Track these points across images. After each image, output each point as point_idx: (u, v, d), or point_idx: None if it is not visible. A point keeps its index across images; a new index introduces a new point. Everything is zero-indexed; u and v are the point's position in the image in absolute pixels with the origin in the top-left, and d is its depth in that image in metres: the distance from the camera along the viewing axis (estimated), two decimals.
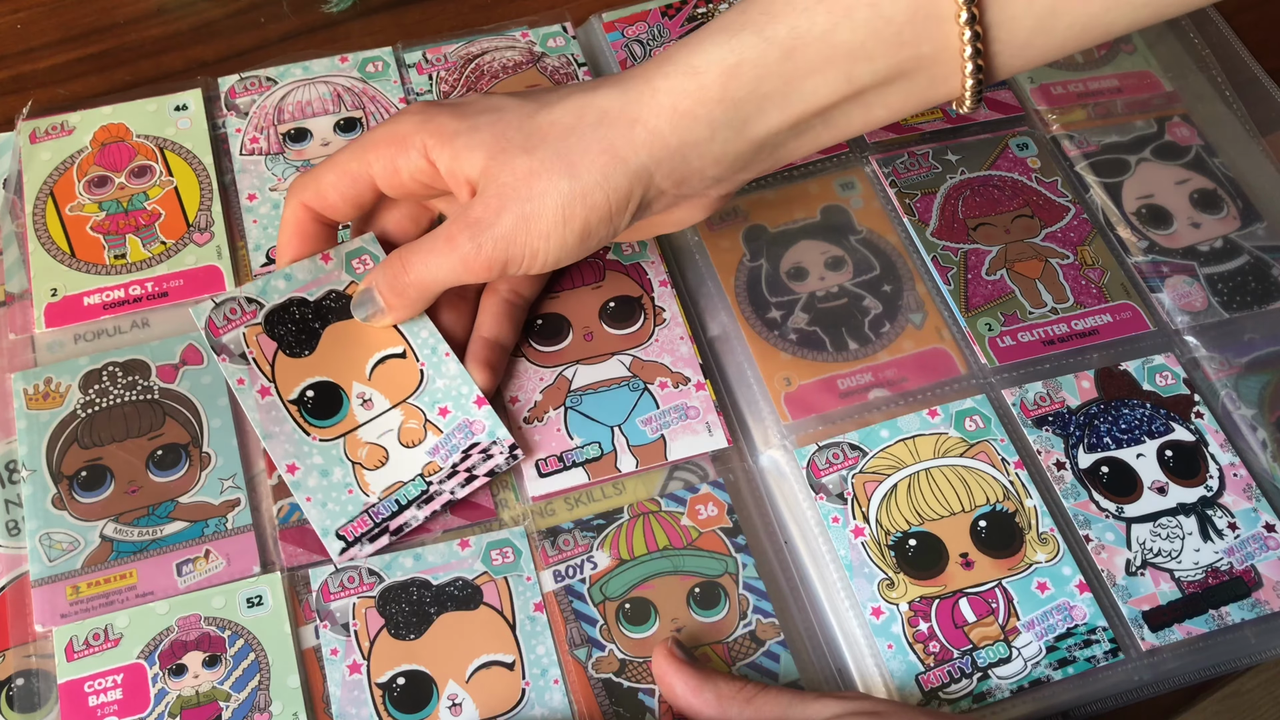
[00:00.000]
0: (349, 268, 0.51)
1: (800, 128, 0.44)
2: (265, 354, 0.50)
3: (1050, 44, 0.42)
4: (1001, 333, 0.55)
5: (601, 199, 0.44)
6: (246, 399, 0.49)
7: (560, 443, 0.51)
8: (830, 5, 0.41)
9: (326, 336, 0.51)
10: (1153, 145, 0.62)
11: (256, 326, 0.50)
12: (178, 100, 0.60)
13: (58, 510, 0.49)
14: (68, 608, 0.47)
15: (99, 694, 0.45)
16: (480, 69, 0.62)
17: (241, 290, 0.51)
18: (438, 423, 0.50)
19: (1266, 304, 0.57)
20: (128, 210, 0.56)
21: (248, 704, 0.45)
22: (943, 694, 0.47)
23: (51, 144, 0.58)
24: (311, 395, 0.49)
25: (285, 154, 0.59)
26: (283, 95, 0.60)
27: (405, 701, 0.46)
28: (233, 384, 0.50)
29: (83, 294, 0.54)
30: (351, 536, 0.48)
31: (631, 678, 0.47)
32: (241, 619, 0.47)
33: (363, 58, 0.62)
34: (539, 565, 0.49)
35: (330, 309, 0.51)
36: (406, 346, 0.51)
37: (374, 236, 0.52)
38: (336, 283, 0.51)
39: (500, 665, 0.47)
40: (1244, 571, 0.50)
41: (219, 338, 0.50)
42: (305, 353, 0.50)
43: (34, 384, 0.51)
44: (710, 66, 0.43)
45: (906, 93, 0.43)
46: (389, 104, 0.60)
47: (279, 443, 0.49)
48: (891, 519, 0.50)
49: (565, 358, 0.54)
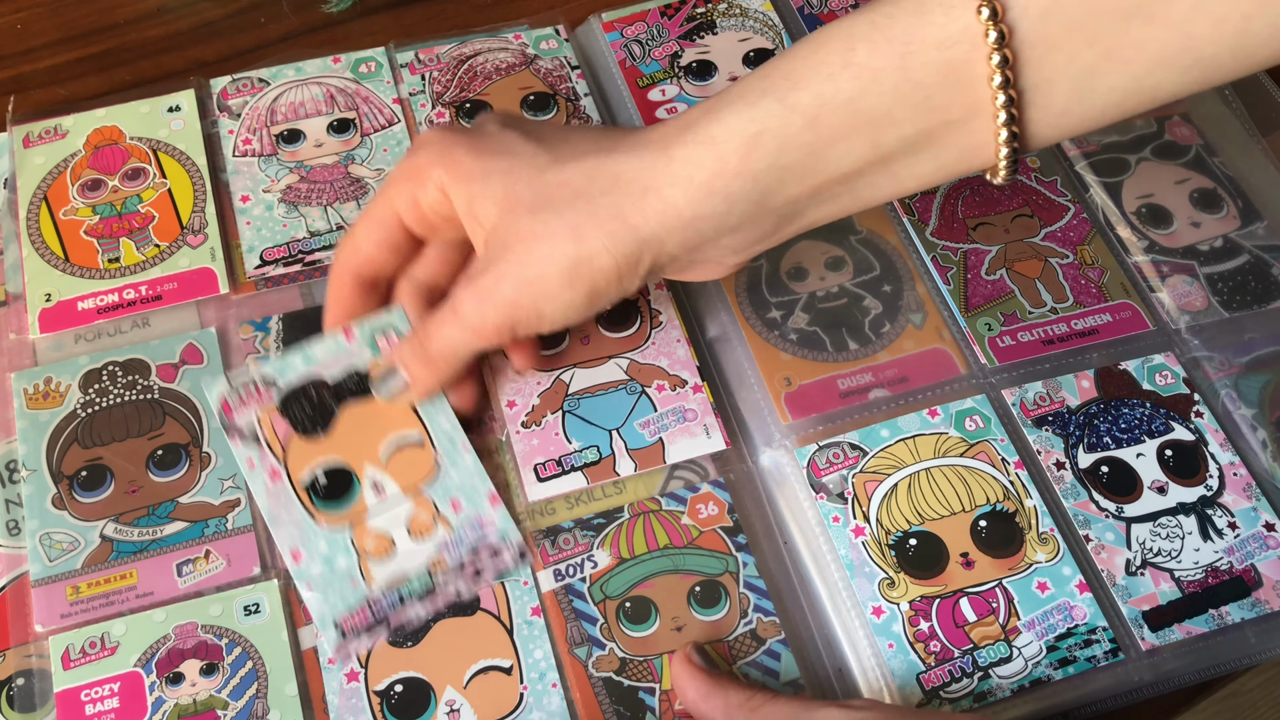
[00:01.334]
0: (373, 345, 0.50)
1: (823, 196, 0.43)
2: (279, 435, 0.49)
3: (1089, 111, 0.40)
4: (1001, 332, 0.55)
5: (609, 263, 0.43)
6: (255, 482, 0.48)
7: (559, 447, 0.51)
8: (856, 70, 0.40)
9: (344, 417, 0.49)
10: (1153, 144, 0.62)
11: (272, 407, 0.49)
12: (170, 101, 0.60)
13: (58, 510, 0.49)
14: (68, 608, 0.47)
15: (96, 703, 0.45)
16: (473, 70, 0.62)
17: (258, 370, 0.50)
18: (449, 516, 0.49)
19: (1266, 303, 0.57)
20: (121, 213, 0.56)
21: (245, 712, 0.45)
22: (944, 693, 0.47)
23: (45, 148, 0.58)
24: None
25: (278, 155, 0.59)
26: (275, 96, 0.60)
27: (403, 708, 0.46)
28: (242, 466, 0.48)
29: (76, 299, 0.54)
30: (350, 629, 0.47)
31: (632, 676, 0.47)
32: (239, 626, 0.47)
33: (355, 58, 0.62)
34: (538, 565, 0.49)
35: (349, 389, 0.50)
36: (424, 433, 0.50)
37: (403, 312, 0.50)
38: (358, 361, 0.50)
39: (498, 670, 0.47)
40: (1244, 571, 0.50)
41: (232, 419, 0.49)
42: (320, 434, 0.49)
43: (34, 384, 0.51)
44: (730, 137, 0.41)
45: (937, 162, 0.42)
46: (382, 104, 0.60)
47: (285, 529, 0.48)
48: (892, 518, 0.50)
49: (562, 362, 0.54)
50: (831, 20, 0.65)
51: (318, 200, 0.57)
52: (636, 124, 0.61)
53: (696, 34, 0.64)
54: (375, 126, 0.60)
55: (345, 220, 0.57)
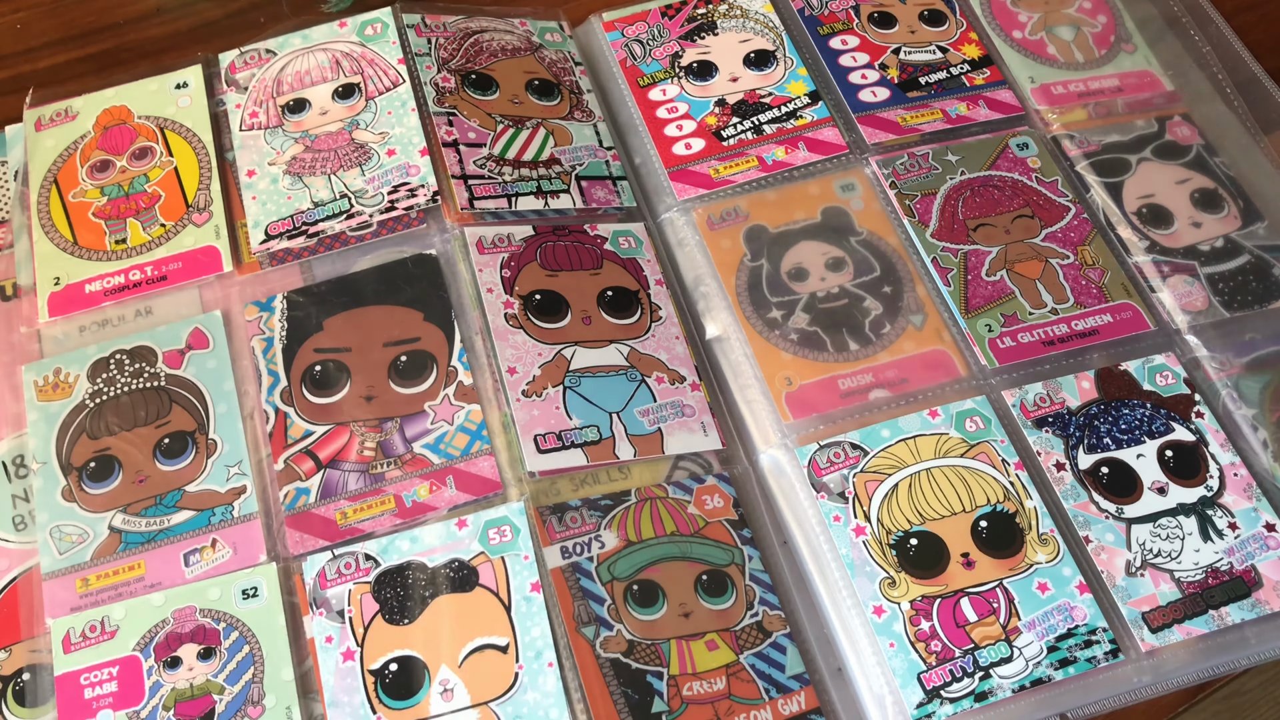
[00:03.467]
0: (483, 537, 0.49)
1: None
2: (364, 615, 0.47)
3: None
4: (1001, 333, 0.55)
5: None
6: (328, 659, 0.46)
7: (559, 421, 0.51)
8: None
9: (433, 608, 0.47)
10: (1153, 145, 0.62)
11: (366, 585, 0.48)
12: (178, 78, 0.60)
13: (67, 503, 0.49)
14: (78, 600, 0.47)
15: (95, 686, 0.45)
16: (479, 45, 0.62)
17: (362, 545, 0.48)
18: None
19: (1267, 303, 0.57)
20: (128, 194, 0.57)
21: (241, 697, 0.45)
22: (944, 693, 0.47)
23: (56, 130, 0.58)
24: (394, 669, 0.46)
25: (284, 126, 0.59)
26: (282, 66, 0.61)
27: (397, 688, 0.46)
28: (320, 640, 0.47)
29: (84, 281, 0.54)
30: None
31: (640, 659, 0.47)
32: (237, 611, 0.47)
33: (362, 20, 0.62)
34: (544, 540, 0.49)
35: (447, 579, 0.48)
36: (512, 641, 0.47)
37: (521, 507, 0.49)
38: (464, 551, 0.48)
39: (494, 649, 0.46)
40: (1244, 571, 0.50)
41: (324, 590, 0.47)
42: (405, 621, 0.47)
43: (44, 375, 0.51)
44: None
45: None
46: (387, 66, 0.60)
47: (343, 712, 0.46)
48: (893, 518, 0.50)
49: (564, 337, 0.54)
50: (831, 21, 0.65)
51: (322, 169, 0.57)
52: (637, 122, 0.61)
53: (697, 34, 0.64)
54: (380, 89, 0.60)
55: (349, 188, 0.56)
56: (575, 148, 0.59)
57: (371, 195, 0.56)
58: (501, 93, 0.60)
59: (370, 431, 0.51)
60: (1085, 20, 0.67)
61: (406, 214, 0.56)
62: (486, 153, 0.58)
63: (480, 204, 0.56)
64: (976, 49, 0.65)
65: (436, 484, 0.50)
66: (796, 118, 0.61)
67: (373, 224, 0.56)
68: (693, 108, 0.62)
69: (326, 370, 0.52)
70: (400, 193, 0.56)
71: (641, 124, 0.61)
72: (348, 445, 0.51)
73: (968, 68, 0.64)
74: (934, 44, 0.65)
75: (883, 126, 0.61)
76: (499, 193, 0.56)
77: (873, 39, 0.65)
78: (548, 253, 0.56)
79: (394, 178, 0.57)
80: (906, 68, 0.63)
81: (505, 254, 0.55)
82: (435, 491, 0.50)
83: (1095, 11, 0.67)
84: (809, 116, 0.61)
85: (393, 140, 0.58)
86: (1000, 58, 0.65)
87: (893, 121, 0.61)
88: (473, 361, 0.53)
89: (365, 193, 0.56)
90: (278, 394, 0.52)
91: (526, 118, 0.60)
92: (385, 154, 0.57)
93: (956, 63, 0.64)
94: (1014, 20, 0.66)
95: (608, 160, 0.59)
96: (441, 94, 0.59)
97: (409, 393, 0.52)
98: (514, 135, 0.59)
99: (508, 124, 0.59)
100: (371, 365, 0.53)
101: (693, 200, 0.59)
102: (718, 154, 0.60)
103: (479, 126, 0.59)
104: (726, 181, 0.59)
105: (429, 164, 0.57)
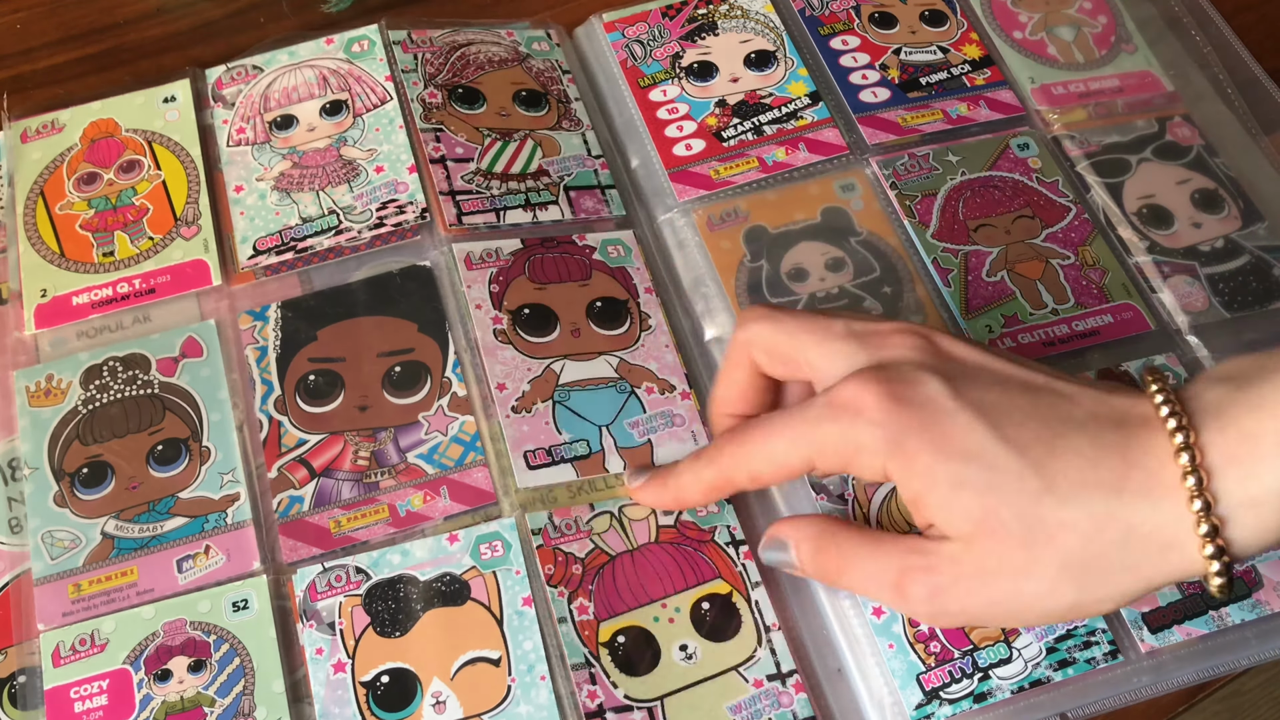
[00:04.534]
0: (475, 552, 0.49)
1: None
2: (355, 628, 0.47)
3: None
4: (1002, 334, 0.55)
5: (1110, 607, 0.40)
6: (318, 671, 0.46)
7: (549, 436, 0.51)
8: None
9: (424, 621, 0.47)
10: (1154, 145, 0.62)
11: (356, 598, 0.48)
12: (166, 92, 0.60)
13: (59, 508, 0.49)
14: (70, 606, 0.47)
15: (85, 700, 0.45)
16: (466, 58, 0.62)
17: (353, 558, 0.48)
18: None
19: (1268, 304, 0.57)
20: (116, 206, 0.57)
21: (232, 709, 0.45)
22: (943, 694, 0.47)
23: (42, 143, 0.58)
24: (385, 680, 0.46)
25: (271, 142, 0.59)
26: (269, 83, 0.61)
27: (389, 700, 0.46)
28: (310, 652, 0.46)
29: (71, 294, 0.54)
30: None
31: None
32: (227, 623, 0.47)
33: (348, 37, 0.62)
34: (546, 540, 0.49)
35: (439, 592, 0.48)
36: (504, 654, 0.47)
37: (514, 523, 0.49)
38: (455, 565, 0.48)
39: (486, 662, 0.47)
40: (1244, 572, 0.50)
41: (315, 603, 0.47)
42: (397, 634, 0.47)
43: (35, 381, 0.51)
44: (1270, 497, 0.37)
45: None
46: (374, 83, 0.60)
47: None
48: (892, 520, 0.50)
49: (553, 351, 0.54)
50: (832, 22, 0.65)
51: (310, 185, 0.57)
52: (637, 124, 0.61)
53: (698, 35, 0.64)
54: (367, 106, 0.60)
55: (337, 205, 0.57)
56: (564, 158, 0.59)
57: (360, 212, 0.56)
58: (489, 106, 0.60)
59: (364, 441, 0.51)
60: (1085, 20, 0.67)
61: (397, 230, 0.56)
62: (474, 167, 0.58)
63: (468, 219, 0.56)
64: (977, 49, 0.65)
65: (430, 494, 0.50)
66: (797, 118, 0.61)
67: (364, 239, 0.56)
68: (693, 108, 0.62)
69: (320, 380, 0.52)
70: (389, 209, 0.56)
71: (642, 125, 0.61)
72: (342, 454, 0.51)
73: (968, 68, 0.64)
74: (935, 44, 0.65)
75: (883, 127, 0.61)
76: (487, 207, 0.56)
77: (873, 39, 0.65)
78: (536, 265, 0.56)
79: (382, 194, 0.57)
80: (907, 68, 0.63)
81: (494, 268, 0.55)
82: (429, 501, 0.50)
83: (1095, 12, 0.67)
84: (809, 117, 0.61)
85: (381, 157, 0.58)
86: (1001, 58, 0.65)
87: (893, 122, 0.61)
88: (465, 374, 0.53)
89: (354, 209, 0.56)
90: (271, 403, 0.52)
91: (514, 130, 0.60)
92: (373, 171, 0.57)
93: (957, 63, 0.64)
94: (1014, 20, 0.66)
95: (596, 169, 0.59)
96: (429, 110, 0.59)
97: (403, 403, 0.52)
98: (501, 148, 0.59)
99: (495, 137, 0.59)
100: (365, 375, 0.53)
101: (693, 201, 0.59)
102: (718, 155, 0.60)
103: (466, 141, 0.59)
104: (727, 183, 0.59)
105: (417, 181, 0.57)
